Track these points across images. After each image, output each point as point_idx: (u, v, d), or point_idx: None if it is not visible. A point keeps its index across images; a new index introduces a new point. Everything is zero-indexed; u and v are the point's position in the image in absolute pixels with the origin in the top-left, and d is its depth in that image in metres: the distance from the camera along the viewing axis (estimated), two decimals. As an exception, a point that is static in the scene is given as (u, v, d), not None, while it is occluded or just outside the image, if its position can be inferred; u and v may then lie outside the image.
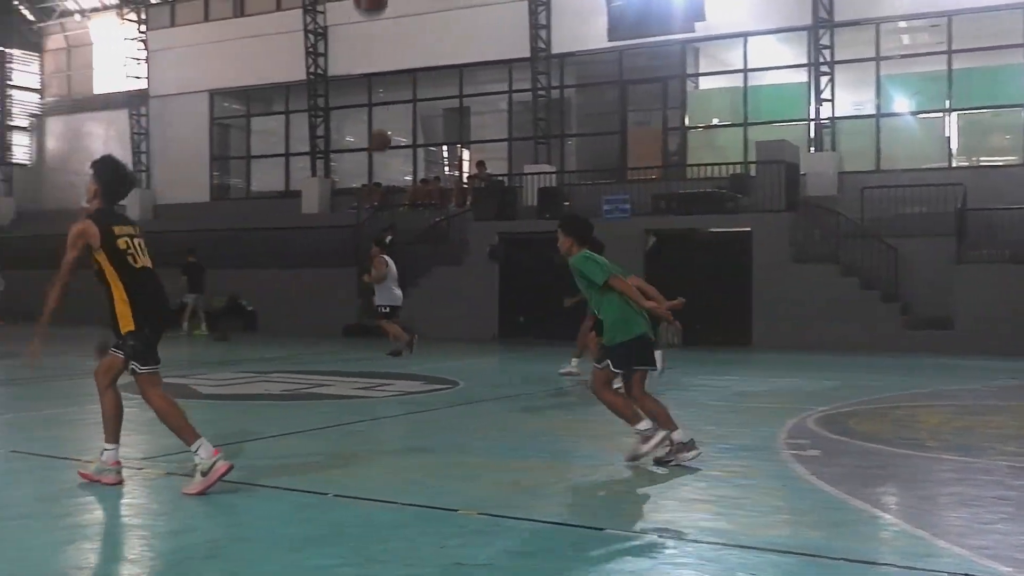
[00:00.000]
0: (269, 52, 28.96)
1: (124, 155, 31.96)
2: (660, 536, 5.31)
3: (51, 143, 35.41)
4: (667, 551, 5.08)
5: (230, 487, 6.33)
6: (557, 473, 7.10)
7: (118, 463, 6.66)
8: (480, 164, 25.08)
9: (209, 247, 24.21)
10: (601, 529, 5.44)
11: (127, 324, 6.53)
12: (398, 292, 16.39)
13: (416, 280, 22.54)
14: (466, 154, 28.01)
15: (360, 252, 23.01)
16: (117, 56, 32.25)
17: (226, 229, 26.04)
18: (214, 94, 30.77)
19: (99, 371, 6.75)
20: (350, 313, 22.61)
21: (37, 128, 35.58)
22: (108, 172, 6.72)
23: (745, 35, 23.96)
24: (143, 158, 31.61)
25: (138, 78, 31.70)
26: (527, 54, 25.61)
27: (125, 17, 31.75)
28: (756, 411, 10.56)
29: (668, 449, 7.12)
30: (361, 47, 27.68)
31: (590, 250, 7.44)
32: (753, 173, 21.23)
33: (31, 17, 35.02)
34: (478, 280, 21.93)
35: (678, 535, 5.35)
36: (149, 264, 6.79)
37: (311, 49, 27.84)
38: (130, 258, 6.62)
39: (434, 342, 20.37)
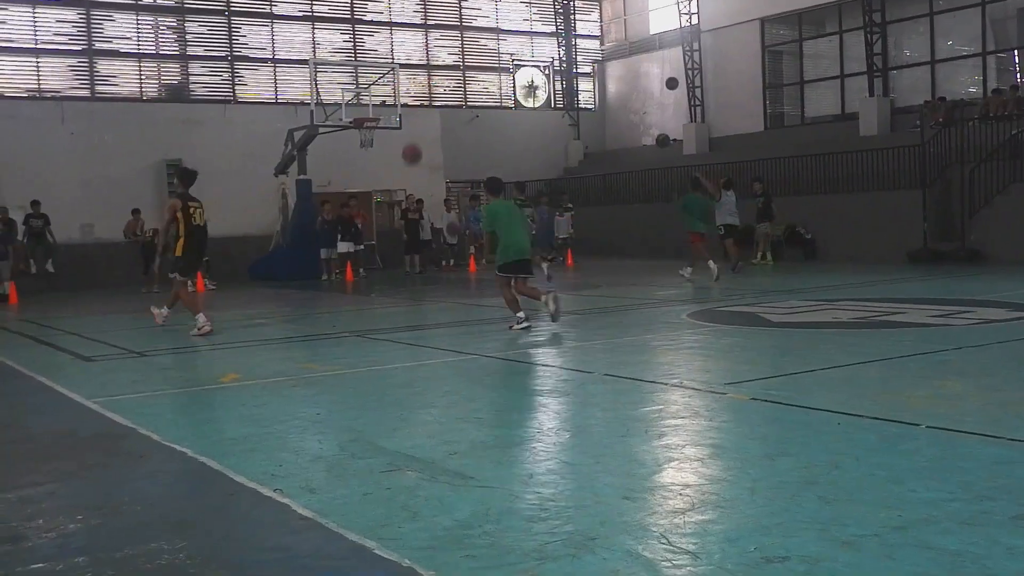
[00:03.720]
0: (819, -29, 28.16)
1: (678, 92, 33.00)
2: None
3: (611, 86, 37.45)
4: None
5: (827, 417, 6.25)
6: None
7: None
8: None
9: (765, 176, 24.22)
10: None
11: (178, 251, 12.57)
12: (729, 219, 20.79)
13: (991, 199, 20.83)
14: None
15: (926, 173, 21.73)
16: (669, -5, 33.25)
17: (782, 157, 25.89)
18: (765, 21, 30.56)
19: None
20: (916, 237, 21.47)
21: (599, 73, 37.79)
22: (182, 172, 12.94)
23: None
24: (697, 93, 32.35)
25: (689, 15, 32.42)
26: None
27: (675, -44, 32.51)
28: None
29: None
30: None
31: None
32: None
33: (590, -32, 37.21)
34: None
35: None
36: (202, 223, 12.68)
37: (865, -38, 26.59)
38: (192, 219, 12.43)
39: (1013, 265, 18.81)
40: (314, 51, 30.89)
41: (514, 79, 35.69)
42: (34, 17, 27.30)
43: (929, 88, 26.67)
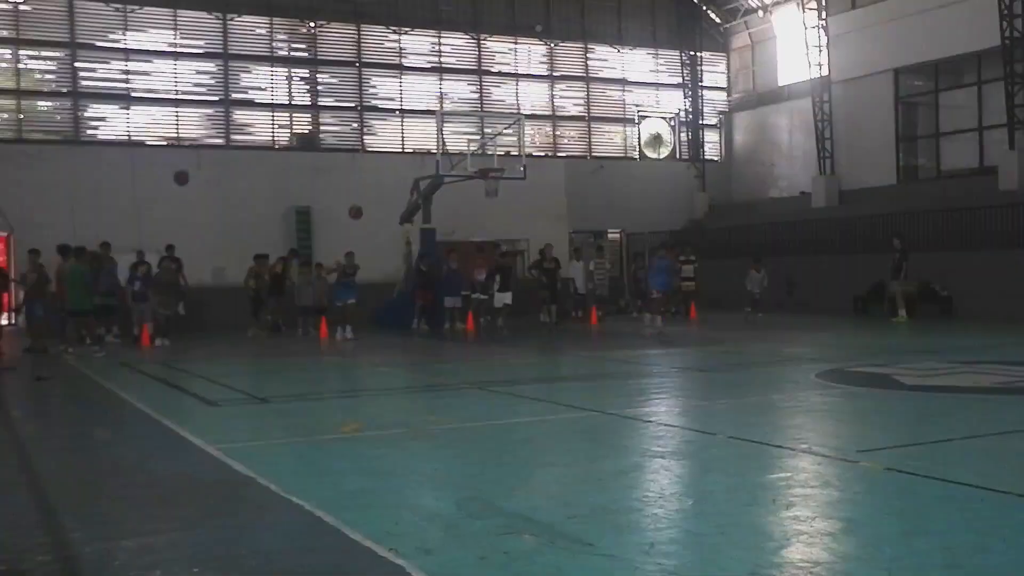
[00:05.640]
0: (957, 21, 27.30)
1: (808, 143, 32.45)
2: None
3: (738, 137, 37.00)
4: None
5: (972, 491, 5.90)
6: None
7: None
8: None
9: (898, 231, 23.49)
10: None
11: None
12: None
13: None
14: None
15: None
16: (798, 46, 32.71)
17: (916, 211, 25.11)
18: (899, 72, 29.82)
19: None
20: (1061, 298, 20.50)
21: (725, 124, 37.39)
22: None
23: None
24: (827, 144, 31.67)
25: (820, 65, 31.85)
26: None
27: (806, 7, 32.04)
28: None
29: None
30: (1064, 1, 24.91)
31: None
32: None
33: (718, 20, 36.91)
34: None
35: None
36: None
37: (1006, 11, 25.68)
38: None
39: None
40: (441, 102, 31.35)
41: (639, 130, 35.57)
42: (175, 69, 28.42)
43: (1077, 141, 25.56)
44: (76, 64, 27.37)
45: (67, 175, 24.93)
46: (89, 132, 27.54)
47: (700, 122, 36.41)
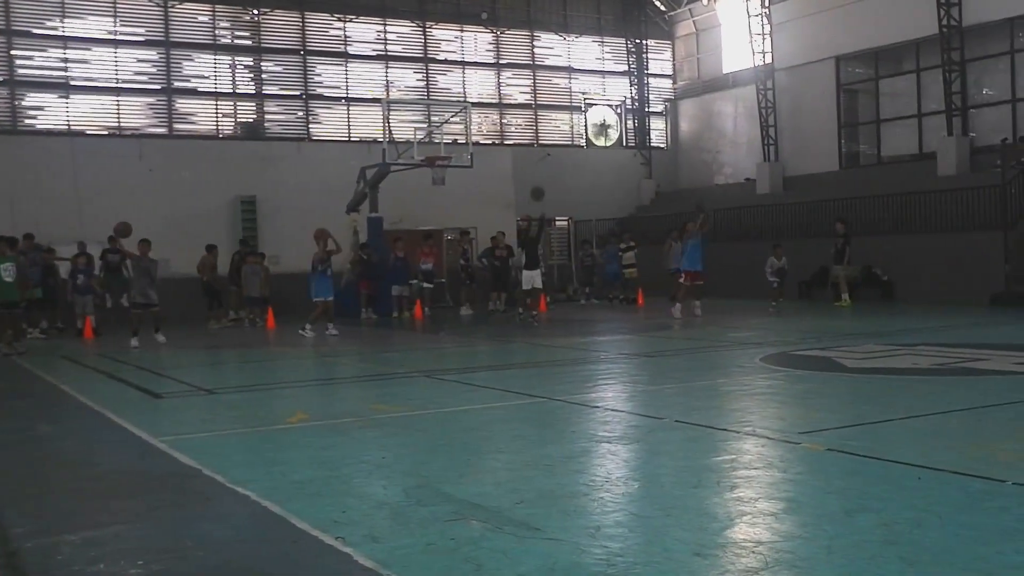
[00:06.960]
0: (896, 9, 27.73)
1: (752, 130, 32.74)
2: None
3: (684, 125, 37.26)
4: None
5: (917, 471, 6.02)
6: None
7: None
8: None
9: (841, 216, 23.82)
10: None
11: None
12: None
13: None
14: None
15: (1007, 214, 21.20)
16: (743, 34, 32.99)
17: (858, 197, 25.48)
18: (840, 60, 30.19)
19: None
20: (997, 280, 20.92)
21: (671, 112, 37.63)
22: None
23: None
24: (771, 132, 32.01)
25: (763, 53, 32.16)
26: None
27: (750, -6, 32.34)
28: None
29: None
30: (1000, -11, 25.39)
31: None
32: None
33: (662, 7, 37.10)
34: None
35: None
36: None
37: (943, 0, 26.12)
38: None
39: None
40: (387, 90, 31.23)
41: (586, 118, 35.69)
42: (115, 57, 28.01)
43: (1010, 127, 26.07)
44: (12, 52, 26.88)
45: (5, 165, 24.44)
46: (27, 121, 27.08)
47: (646, 109, 36.63)
